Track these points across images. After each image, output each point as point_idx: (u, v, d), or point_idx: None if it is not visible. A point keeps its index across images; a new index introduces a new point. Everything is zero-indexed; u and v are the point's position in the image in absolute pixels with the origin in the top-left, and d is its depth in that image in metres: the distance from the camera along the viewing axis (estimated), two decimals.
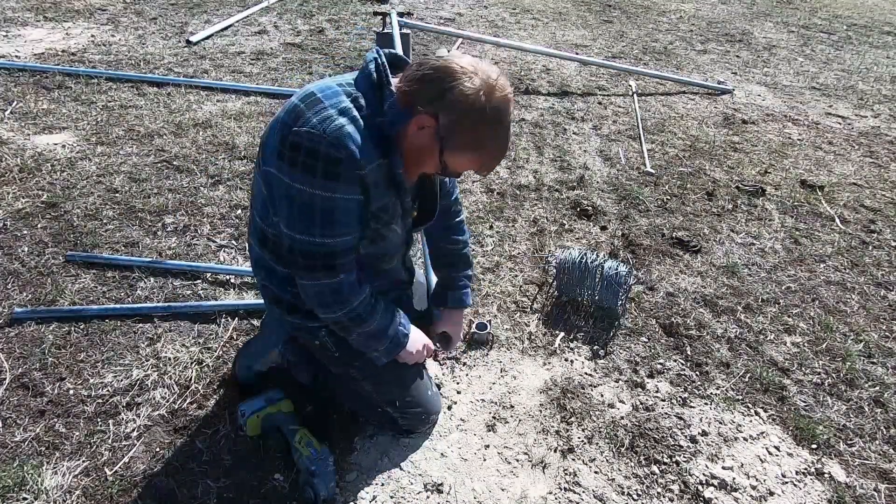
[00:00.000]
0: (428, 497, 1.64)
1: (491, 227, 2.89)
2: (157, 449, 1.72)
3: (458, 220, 1.86)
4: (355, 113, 1.34)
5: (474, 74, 1.32)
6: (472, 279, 1.92)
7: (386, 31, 4.58)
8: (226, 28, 5.32)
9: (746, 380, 2.14)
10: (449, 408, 1.92)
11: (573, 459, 1.79)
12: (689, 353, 2.24)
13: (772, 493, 1.74)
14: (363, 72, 1.40)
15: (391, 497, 1.63)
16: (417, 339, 1.70)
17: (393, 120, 1.36)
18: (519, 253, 2.72)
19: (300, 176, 1.32)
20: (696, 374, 2.14)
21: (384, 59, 1.40)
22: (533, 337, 2.25)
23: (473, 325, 2.15)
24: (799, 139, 4.22)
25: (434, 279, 1.98)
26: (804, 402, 2.07)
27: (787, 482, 1.78)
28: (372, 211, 1.44)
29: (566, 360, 2.15)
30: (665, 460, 1.81)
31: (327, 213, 1.36)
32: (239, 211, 2.81)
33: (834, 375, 2.20)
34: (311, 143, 1.30)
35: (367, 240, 1.50)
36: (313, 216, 1.36)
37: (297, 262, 1.44)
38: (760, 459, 1.84)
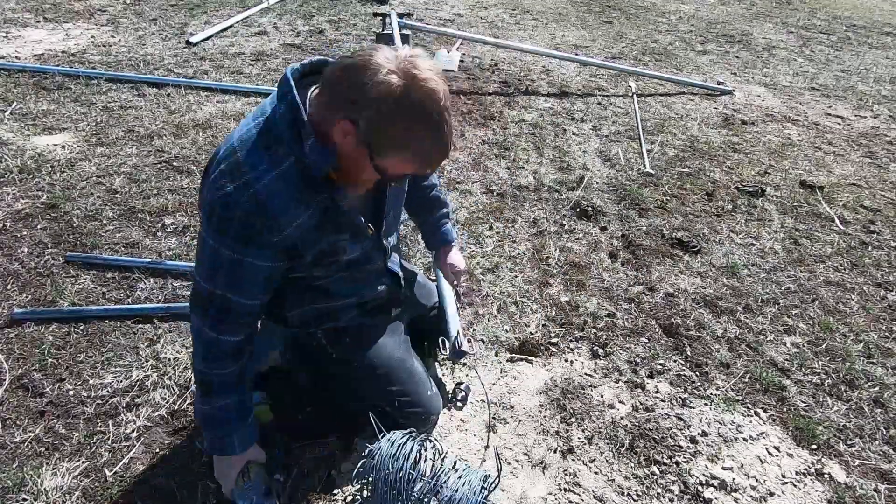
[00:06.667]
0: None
1: (491, 228, 2.89)
2: (157, 449, 1.72)
3: (428, 185, 1.85)
4: (274, 170, 1.23)
5: (388, 68, 1.14)
6: (449, 216, 1.92)
7: (386, 31, 4.59)
8: (226, 29, 5.32)
9: (746, 380, 2.14)
10: (448, 409, 1.91)
11: (573, 460, 1.79)
12: (688, 353, 2.24)
13: (772, 494, 1.74)
14: (285, 100, 1.23)
15: None
16: (232, 470, 1.49)
17: (317, 160, 1.22)
18: (519, 253, 2.72)
19: (213, 232, 1.27)
20: (696, 375, 2.14)
21: (296, 92, 1.22)
22: (533, 337, 2.25)
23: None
24: (798, 140, 4.22)
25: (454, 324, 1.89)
26: (804, 402, 2.07)
27: (786, 482, 1.78)
28: (310, 260, 1.39)
29: (566, 360, 2.15)
30: (665, 461, 1.81)
31: (233, 271, 1.30)
32: None
33: (834, 376, 2.20)
34: (225, 210, 1.23)
35: (320, 267, 1.46)
36: (218, 269, 1.31)
37: (193, 301, 1.38)
38: (760, 460, 1.84)
